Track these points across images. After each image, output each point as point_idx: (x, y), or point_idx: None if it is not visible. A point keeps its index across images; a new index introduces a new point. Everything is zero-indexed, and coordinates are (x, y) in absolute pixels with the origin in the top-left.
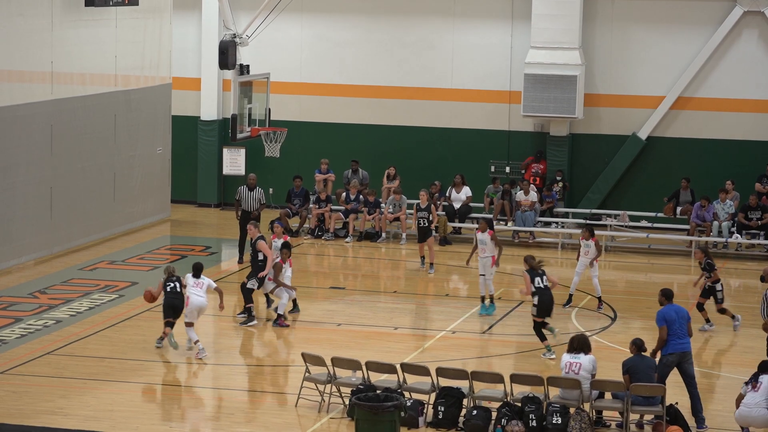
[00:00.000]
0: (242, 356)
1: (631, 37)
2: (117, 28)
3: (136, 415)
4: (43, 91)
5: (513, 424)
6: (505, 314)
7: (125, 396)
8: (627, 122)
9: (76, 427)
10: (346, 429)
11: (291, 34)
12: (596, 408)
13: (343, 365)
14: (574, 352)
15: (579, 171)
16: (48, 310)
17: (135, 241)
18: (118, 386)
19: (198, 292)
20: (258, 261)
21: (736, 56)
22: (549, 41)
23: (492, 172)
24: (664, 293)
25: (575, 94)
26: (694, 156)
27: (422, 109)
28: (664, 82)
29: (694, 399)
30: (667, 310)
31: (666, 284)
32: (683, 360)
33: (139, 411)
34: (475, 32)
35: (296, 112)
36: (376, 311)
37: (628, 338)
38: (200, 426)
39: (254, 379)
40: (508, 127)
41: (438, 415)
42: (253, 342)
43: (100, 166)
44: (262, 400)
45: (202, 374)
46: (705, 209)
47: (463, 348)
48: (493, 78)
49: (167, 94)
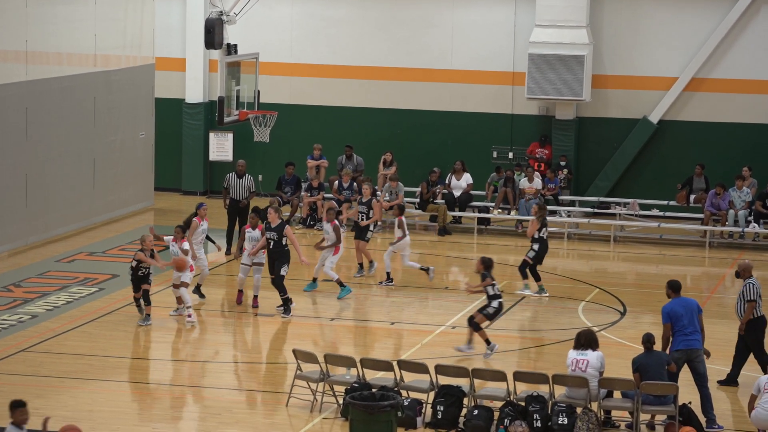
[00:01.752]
0: (230, 353)
1: (641, 14)
2: (96, 4)
3: (117, 415)
4: (18, 72)
5: (516, 424)
6: (508, 308)
7: (105, 395)
8: (637, 105)
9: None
10: (339, 429)
11: (281, 12)
12: (604, 408)
13: (337, 362)
14: (581, 349)
15: (586, 157)
16: (23, 305)
17: (116, 231)
18: (98, 385)
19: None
20: (285, 248)
21: (753, 35)
22: (555, 19)
23: (494, 158)
24: (671, 285)
25: (582, 76)
26: (708, 141)
27: (420, 92)
28: (677, 63)
29: (704, 398)
30: (673, 304)
31: (679, 277)
32: (692, 358)
33: (120, 411)
34: (476, 10)
35: (287, 95)
36: (372, 305)
37: (638, 334)
38: (185, 427)
39: (242, 377)
40: (511, 111)
41: (437, 414)
42: (242, 338)
43: (78, 152)
44: (251, 399)
45: (187, 372)
46: (720, 197)
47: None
48: (495, 58)
49: (150, 76)
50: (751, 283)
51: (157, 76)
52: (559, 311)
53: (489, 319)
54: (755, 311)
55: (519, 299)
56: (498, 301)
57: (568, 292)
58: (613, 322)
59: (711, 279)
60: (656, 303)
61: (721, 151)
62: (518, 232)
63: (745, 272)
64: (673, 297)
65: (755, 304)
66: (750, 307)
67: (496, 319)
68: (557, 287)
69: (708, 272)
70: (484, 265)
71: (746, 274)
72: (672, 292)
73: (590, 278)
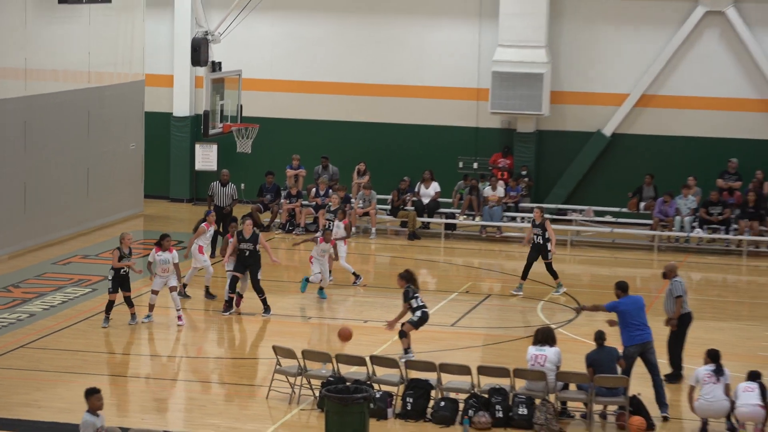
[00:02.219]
0: (213, 349)
1: (596, 35)
2: (90, 25)
3: (109, 407)
4: (17, 88)
5: (480, 414)
6: (473, 307)
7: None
8: (592, 119)
9: (50, 419)
10: (316, 420)
11: (262, 32)
12: (561, 399)
13: (314, 358)
14: (539, 345)
15: (545, 167)
16: (22, 304)
17: (108, 236)
18: (92, 379)
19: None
20: (259, 254)
21: (698, 55)
22: (516, 40)
23: (460, 168)
24: (620, 286)
25: (542, 92)
26: (657, 152)
27: (392, 106)
28: (629, 80)
29: (657, 387)
30: (623, 302)
31: (629, 278)
32: (645, 350)
33: (111, 403)
34: (443, 30)
35: (267, 109)
36: (346, 305)
37: (592, 331)
38: (172, 417)
39: (225, 372)
40: (476, 124)
41: (406, 406)
42: (225, 335)
43: (73, 162)
44: (233, 392)
45: (174, 367)
46: (668, 204)
47: (431, 341)
48: (461, 75)
49: (140, 91)
50: (677, 281)
51: (146, 91)
52: (520, 310)
53: (415, 327)
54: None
55: (483, 298)
56: (422, 311)
57: (528, 292)
58: (569, 320)
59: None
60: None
61: (669, 162)
62: (482, 237)
63: (670, 272)
64: (622, 297)
65: (682, 300)
66: (678, 302)
67: (421, 326)
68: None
69: (656, 274)
70: (405, 280)
71: (672, 274)
72: (621, 291)
73: (548, 279)
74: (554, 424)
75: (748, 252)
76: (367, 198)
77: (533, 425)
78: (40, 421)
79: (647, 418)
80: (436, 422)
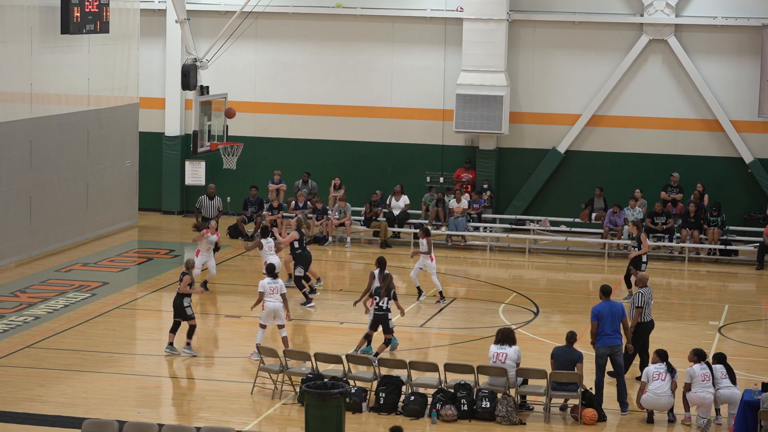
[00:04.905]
0: (203, 349)
1: (551, 61)
2: (89, 53)
3: (107, 402)
4: (23, 111)
5: (447, 408)
6: (440, 309)
7: (97, 385)
8: (548, 137)
9: (54, 413)
10: (296, 414)
11: (246, 58)
12: (521, 393)
13: (294, 356)
14: (500, 344)
15: (505, 181)
16: (27, 308)
17: (105, 245)
18: (91, 376)
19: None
20: (296, 251)
21: (642, 79)
22: (478, 65)
23: (428, 182)
24: (603, 290)
25: (501, 112)
26: (606, 167)
27: (365, 126)
28: (580, 102)
29: (620, 387)
30: (601, 306)
31: (582, 282)
32: (614, 352)
33: (110, 398)
34: (412, 56)
35: (251, 129)
36: (324, 308)
37: (549, 331)
38: (165, 411)
39: (214, 370)
40: (441, 142)
41: (380, 400)
42: (212, 336)
43: (74, 178)
44: (221, 388)
45: (166, 365)
46: (617, 215)
47: (402, 340)
48: (428, 97)
49: (135, 113)
50: (641, 292)
51: (140, 113)
52: (483, 312)
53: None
54: (642, 316)
55: (450, 301)
56: (374, 313)
57: (490, 295)
58: (527, 321)
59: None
60: (564, 305)
61: (617, 176)
62: (448, 245)
63: (640, 282)
64: (603, 300)
65: (641, 311)
66: (637, 313)
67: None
68: (481, 292)
69: (607, 278)
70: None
71: (641, 284)
72: (603, 295)
73: (509, 284)
74: (515, 416)
75: (689, 258)
76: (343, 210)
77: (495, 417)
78: (44, 415)
79: (599, 410)
80: (406, 415)
